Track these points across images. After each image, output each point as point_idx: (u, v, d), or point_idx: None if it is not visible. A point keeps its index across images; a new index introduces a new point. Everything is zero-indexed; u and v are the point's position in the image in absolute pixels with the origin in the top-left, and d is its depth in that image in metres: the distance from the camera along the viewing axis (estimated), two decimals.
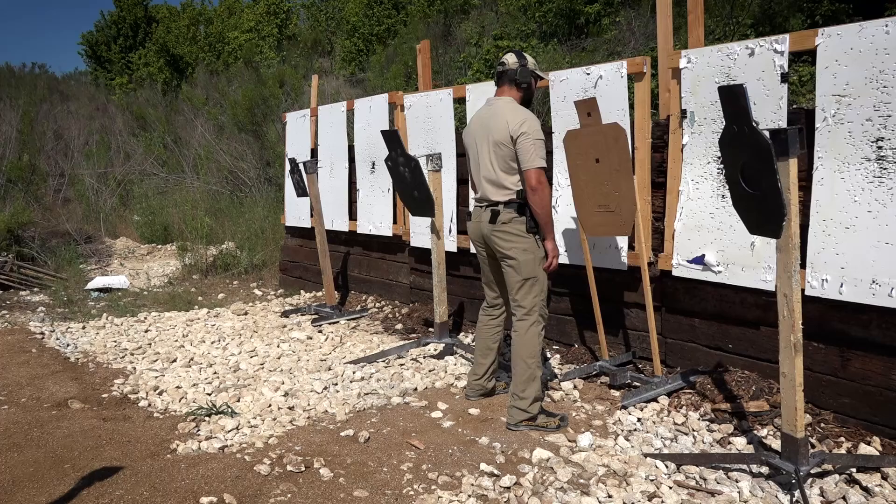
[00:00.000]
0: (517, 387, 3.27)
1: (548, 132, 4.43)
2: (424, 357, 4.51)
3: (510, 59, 3.40)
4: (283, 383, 4.00)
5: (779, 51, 3.23)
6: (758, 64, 3.31)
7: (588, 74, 4.08)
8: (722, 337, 3.67)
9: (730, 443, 3.08)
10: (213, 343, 5.04)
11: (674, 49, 3.75)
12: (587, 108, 3.59)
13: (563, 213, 4.31)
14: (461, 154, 5.05)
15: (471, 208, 3.54)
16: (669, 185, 3.78)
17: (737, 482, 2.71)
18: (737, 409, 3.32)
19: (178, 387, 4.00)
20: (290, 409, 3.62)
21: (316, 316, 5.88)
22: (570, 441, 3.14)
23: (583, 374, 3.96)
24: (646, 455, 2.96)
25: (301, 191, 6.02)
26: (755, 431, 3.15)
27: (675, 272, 3.75)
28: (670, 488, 2.67)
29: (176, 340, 5.16)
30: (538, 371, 3.29)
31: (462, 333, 5.14)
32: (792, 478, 2.54)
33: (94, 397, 3.84)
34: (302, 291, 6.98)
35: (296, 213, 7.02)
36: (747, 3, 8.64)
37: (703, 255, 3.60)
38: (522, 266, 3.29)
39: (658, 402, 3.52)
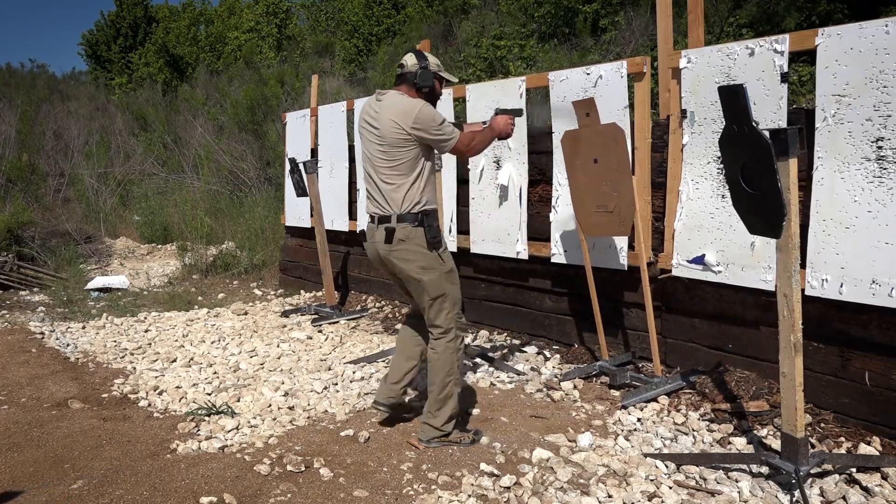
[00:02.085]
0: (432, 406, 3.09)
1: (548, 132, 4.44)
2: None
3: (409, 60, 3.10)
4: (283, 383, 4.00)
5: (779, 51, 3.23)
6: (758, 64, 3.31)
7: (588, 74, 4.08)
8: (722, 337, 3.67)
9: (730, 443, 3.08)
10: (213, 343, 5.04)
11: (673, 49, 3.75)
12: (585, 108, 3.59)
13: (563, 212, 4.31)
14: None
15: (364, 225, 3.15)
16: (669, 185, 3.78)
17: (737, 482, 2.71)
18: (737, 409, 3.32)
19: (178, 387, 4.00)
20: (290, 409, 3.63)
21: (316, 316, 5.88)
22: (570, 441, 3.14)
23: (583, 374, 3.96)
24: (646, 455, 2.96)
25: (301, 191, 6.02)
26: (755, 431, 3.15)
27: (675, 272, 3.75)
28: (670, 488, 2.67)
29: (176, 340, 5.16)
30: (455, 388, 3.10)
31: None
32: (792, 478, 2.54)
33: (94, 397, 3.84)
34: (302, 291, 6.98)
35: (296, 213, 7.02)
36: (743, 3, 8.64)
37: (703, 255, 3.60)
38: (428, 286, 3.03)
39: (658, 402, 3.52)
